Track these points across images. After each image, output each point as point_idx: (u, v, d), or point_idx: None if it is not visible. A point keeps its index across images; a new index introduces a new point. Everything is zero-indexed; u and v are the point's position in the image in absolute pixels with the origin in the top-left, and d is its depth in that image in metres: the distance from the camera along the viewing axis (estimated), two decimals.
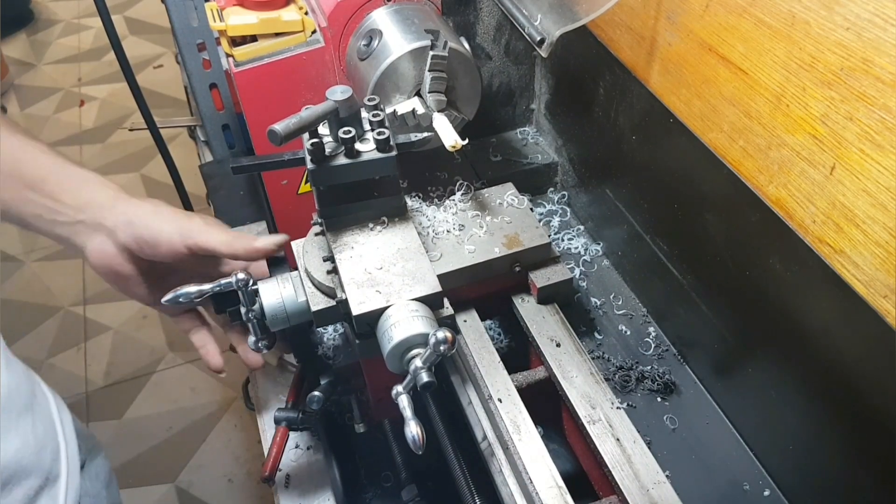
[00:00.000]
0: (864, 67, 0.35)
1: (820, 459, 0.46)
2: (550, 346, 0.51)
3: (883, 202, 0.36)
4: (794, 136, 0.41)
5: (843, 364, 0.41)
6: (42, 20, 2.94)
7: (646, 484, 0.42)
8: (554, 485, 0.43)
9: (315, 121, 0.46)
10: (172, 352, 1.70)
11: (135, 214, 0.50)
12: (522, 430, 0.46)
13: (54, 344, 1.71)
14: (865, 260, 0.38)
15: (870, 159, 0.36)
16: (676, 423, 0.55)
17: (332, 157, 0.49)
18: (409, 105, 0.58)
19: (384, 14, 0.61)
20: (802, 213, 0.42)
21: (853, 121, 0.37)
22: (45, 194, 0.50)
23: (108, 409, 1.59)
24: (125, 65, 0.76)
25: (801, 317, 0.44)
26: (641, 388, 0.57)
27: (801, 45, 0.39)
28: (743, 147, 0.46)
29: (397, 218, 0.53)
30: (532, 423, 0.46)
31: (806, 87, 0.39)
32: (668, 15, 0.50)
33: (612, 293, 0.65)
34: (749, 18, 0.42)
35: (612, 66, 0.58)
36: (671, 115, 0.52)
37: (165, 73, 2.54)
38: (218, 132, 0.94)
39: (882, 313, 0.37)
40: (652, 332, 0.62)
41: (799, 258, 0.42)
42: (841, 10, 0.36)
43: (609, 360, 0.59)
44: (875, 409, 0.39)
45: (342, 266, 0.50)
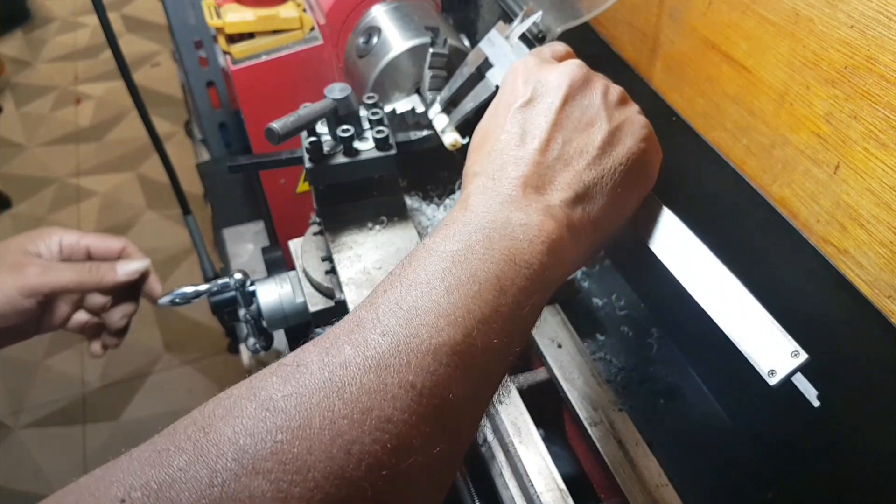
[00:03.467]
0: (868, 65, 0.35)
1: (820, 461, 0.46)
2: (552, 347, 0.51)
3: (887, 201, 0.36)
4: (797, 135, 0.41)
5: (846, 364, 0.41)
6: (38, 18, 2.93)
7: (648, 486, 0.42)
8: (555, 487, 0.43)
9: (313, 119, 0.46)
10: (169, 353, 1.69)
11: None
12: (523, 432, 0.46)
13: (51, 345, 1.70)
14: (870, 260, 0.38)
15: (874, 158, 0.36)
16: (679, 425, 0.55)
17: (331, 156, 0.49)
18: (408, 103, 0.57)
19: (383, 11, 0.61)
20: (806, 212, 0.41)
21: (857, 119, 0.36)
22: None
23: (105, 411, 1.58)
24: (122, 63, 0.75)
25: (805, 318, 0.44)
26: (644, 390, 0.57)
27: (804, 42, 0.39)
28: (746, 146, 0.45)
29: (397, 217, 0.53)
30: (533, 425, 0.46)
31: (810, 85, 0.39)
32: (671, 12, 0.49)
33: (613, 293, 0.65)
34: (752, 16, 0.42)
35: (615, 63, 0.57)
36: (674, 113, 0.51)
37: (162, 70, 2.53)
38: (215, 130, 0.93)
39: (886, 313, 0.37)
40: (655, 333, 0.61)
41: (803, 258, 0.42)
42: (844, 8, 0.36)
43: (611, 362, 0.59)
44: (877, 410, 0.39)
45: (341, 266, 0.49)
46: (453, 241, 0.29)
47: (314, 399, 0.23)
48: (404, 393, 0.24)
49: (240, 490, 0.21)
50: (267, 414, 0.23)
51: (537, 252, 0.30)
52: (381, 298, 0.28)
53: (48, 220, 2.05)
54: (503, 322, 0.28)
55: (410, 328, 0.26)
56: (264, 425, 0.22)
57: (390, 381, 0.24)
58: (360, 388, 0.24)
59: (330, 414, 0.23)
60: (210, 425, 0.23)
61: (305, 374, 0.24)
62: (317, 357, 0.25)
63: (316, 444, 0.22)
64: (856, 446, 0.42)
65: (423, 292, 0.27)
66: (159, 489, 0.21)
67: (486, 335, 0.27)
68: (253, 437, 0.22)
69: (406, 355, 0.25)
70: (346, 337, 0.26)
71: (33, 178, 2.19)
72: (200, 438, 0.22)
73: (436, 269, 0.28)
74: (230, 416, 0.23)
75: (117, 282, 0.50)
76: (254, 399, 0.23)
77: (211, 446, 0.22)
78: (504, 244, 0.30)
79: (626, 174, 0.36)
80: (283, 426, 0.22)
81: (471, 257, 0.29)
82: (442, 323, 0.26)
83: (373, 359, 0.25)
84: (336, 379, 0.24)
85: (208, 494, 0.21)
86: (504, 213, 0.31)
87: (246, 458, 0.21)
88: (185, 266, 1.87)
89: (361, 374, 0.24)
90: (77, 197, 2.12)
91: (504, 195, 0.32)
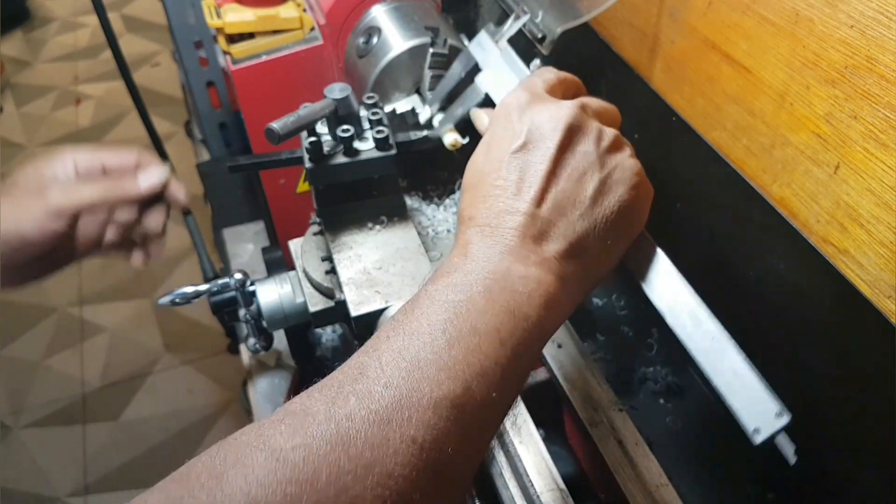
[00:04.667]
0: (868, 65, 0.35)
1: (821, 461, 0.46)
2: (551, 347, 0.51)
3: (887, 201, 0.36)
4: (798, 135, 0.41)
5: (846, 365, 0.41)
6: (38, 18, 2.93)
7: (648, 487, 0.42)
8: (555, 487, 0.43)
9: (313, 119, 0.46)
10: (169, 353, 1.69)
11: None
12: (523, 432, 0.46)
13: (50, 345, 1.70)
14: (870, 260, 0.38)
15: (874, 158, 0.36)
16: (679, 425, 0.55)
17: (331, 156, 0.49)
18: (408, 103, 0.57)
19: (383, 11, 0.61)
20: (806, 212, 0.41)
21: (858, 119, 0.36)
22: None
23: (105, 411, 1.58)
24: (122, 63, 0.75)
25: (805, 317, 0.44)
26: (644, 390, 0.57)
27: (804, 42, 0.39)
28: (746, 146, 0.45)
29: (397, 217, 0.53)
30: (533, 425, 0.46)
31: (810, 85, 0.39)
32: (671, 12, 0.49)
33: (613, 293, 0.65)
34: (752, 16, 0.42)
35: (615, 63, 0.57)
36: (674, 114, 0.51)
37: (162, 71, 2.53)
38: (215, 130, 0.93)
39: (886, 313, 0.37)
40: (654, 333, 0.61)
41: (803, 258, 0.42)
42: (845, 8, 0.36)
43: (611, 362, 0.59)
44: (878, 410, 0.39)
45: (341, 266, 0.49)
46: (455, 292, 0.30)
47: (321, 451, 0.24)
48: (406, 448, 0.25)
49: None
50: (277, 465, 0.23)
51: (535, 305, 0.31)
52: (385, 346, 0.28)
53: None
54: (502, 374, 0.28)
55: (412, 381, 0.26)
56: (275, 477, 0.23)
57: (392, 436, 0.25)
58: (364, 442, 0.24)
59: (336, 469, 0.23)
60: (222, 474, 0.23)
61: (313, 424, 0.25)
62: (323, 407, 0.25)
63: (322, 499, 0.23)
64: (856, 446, 0.42)
65: (426, 343, 0.27)
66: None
67: (484, 388, 0.28)
68: (264, 489, 0.22)
69: (408, 409, 0.25)
70: (350, 386, 0.26)
71: None
72: (213, 488, 0.22)
73: (438, 320, 0.28)
74: (241, 464, 0.23)
75: (141, 193, 0.49)
76: (264, 449, 0.24)
77: (224, 497, 0.22)
78: (504, 297, 0.30)
79: (616, 222, 0.36)
80: (292, 479, 0.23)
81: (472, 309, 0.29)
82: (443, 376, 0.26)
83: (377, 413, 0.25)
84: (342, 432, 0.24)
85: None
86: (504, 265, 0.31)
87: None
88: (185, 266, 1.87)
89: (366, 427, 0.25)
90: None
91: (503, 245, 0.32)
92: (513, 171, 0.34)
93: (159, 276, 1.85)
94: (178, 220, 0.73)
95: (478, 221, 0.33)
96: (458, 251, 0.33)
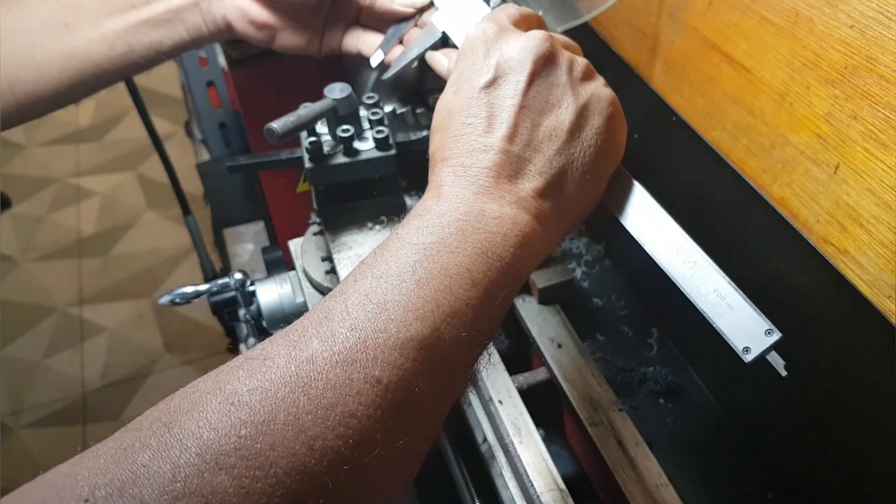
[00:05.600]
0: (868, 65, 0.35)
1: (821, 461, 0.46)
2: (552, 347, 0.51)
3: (887, 201, 0.36)
4: (798, 135, 0.41)
5: (846, 365, 0.41)
6: None
7: (648, 486, 0.42)
8: (555, 487, 0.43)
9: (313, 119, 0.46)
10: (169, 353, 1.69)
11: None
12: (523, 432, 0.46)
13: (50, 345, 1.70)
14: (870, 260, 0.38)
15: (874, 158, 0.36)
16: (679, 425, 0.55)
17: (331, 156, 0.49)
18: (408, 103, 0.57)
19: None
20: (807, 212, 0.41)
21: (857, 119, 0.36)
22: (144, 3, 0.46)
23: (105, 411, 1.58)
24: None
25: (805, 317, 0.44)
26: (644, 390, 0.57)
27: (804, 42, 0.39)
28: (746, 146, 0.45)
29: (396, 217, 0.53)
30: (533, 425, 0.46)
31: (810, 85, 0.39)
32: (671, 12, 0.49)
33: (613, 294, 0.65)
34: (752, 16, 0.42)
35: (615, 63, 0.57)
36: (674, 114, 0.51)
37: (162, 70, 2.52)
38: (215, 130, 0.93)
39: (886, 313, 0.37)
40: (654, 333, 0.61)
41: (803, 258, 0.42)
42: (844, 8, 0.35)
43: (611, 362, 0.59)
44: (878, 410, 0.39)
45: (341, 266, 0.49)
46: (426, 233, 0.29)
47: (279, 394, 0.23)
48: (370, 388, 0.24)
49: (202, 486, 0.21)
50: (231, 408, 0.23)
51: (510, 245, 0.30)
52: (352, 289, 0.27)
53: (48, 220, 2.06)
54: (473, 315, 0.28)
55: (378, 322, 0.26)
56: (228, 420, 0.22)
57: (356, 377, 0.24)
58: (325, 383, 0.24)
59: (294, 409, 0.23)
60: (174, 420, 0.23)
61: (272, 367, 0.24)
62: (284, 350, 0.25)
63: (279, 440, 0.22)
64: (856, 446, 0.42)
65: (394, 285, 0.27)
66: (122, 486, 0.21)
67: (454, 329, 0.27)
68: (217, 432, 0.22)
69: (373, 350, 0.25)
70: (314, 329, 0.26)
71: (33, 178, 2.19)
72: (164, 434, 0.22)
73: (407, 262, 0.28)
74: (195, 410, 0.23)
75: (391, 10, 0.46)
76: (219, 393, 0.23)
77: (174, 441, 0.22)
78: (477, 237, 0.29)
79: (595, 156, 0.35)
80: (247, 421, 0.22)
81: (443, 250, 0.28)
82: (410, 317, 0.26)
83: (340, 353, 0.25)
84: (302, 374, 0.24)
85: (171, 490, 0.21)
86: (478, 205, 0.30)
87: (209, 454, 0.21)
88: (185, 266, 1.87)
89: (328, 369, 0.24)
90: (77, 197, 2.12)
91: (477, 185, 0.31)
92: (483, 108, 0.33)
93: (159, 276, 1.85)
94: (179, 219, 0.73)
95: (450, 162, 0.32)
96: (430, 193, 0.32)
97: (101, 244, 1.97)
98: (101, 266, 1.90)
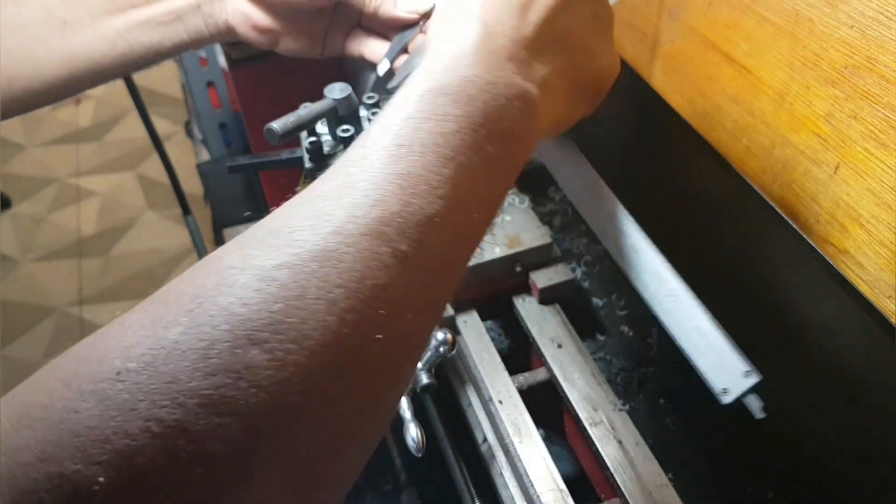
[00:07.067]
0: (868, 65, 0.35)
1: (822, 461, 0.46)
2: (552, 347, 0.51)
3: (887, 201, 0.36)
4: (798, 135, 0.41)
5: (846, 364, 0.41)
6: None
7: (648, 487, 0.42)
8: (555, 487, 0.43)
9: (313, 119, 0.46)
10: None
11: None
12: (523, 432, 0.46)
13: (50, 345, 1.70)
14: (870, 260, 0.38)
15: (874, 158, 0.36)
16: (679, 425, 0.55)
17: (331, 156, 0.49)
18: None
19: None
20: (807, 212, 0.41)
21: (857, 119, 0.36)
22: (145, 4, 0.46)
23: None
24: None
25: (805, 317, 0.44)
26: (644, 390, 0.57)
27: (804, 42, 0.38)
28: (747, 146, 0.45)
29: None
30: (533, 425, 0.46)
31: (810, 85, 0.39)
32: (671, 12, 0.49)
33: (614, 293, 0.65)
34: (752, 16, 0.42)
35: None
36: (674, 114, 0.51)
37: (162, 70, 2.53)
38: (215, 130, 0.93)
39: (886, 313, 0.37)
40: (654, 333, 0.61)
41: (803, 258, 0.42)
42: (844, 8, 0.35)
43: (611, 362, 0.59)
44: (878, 410, 0.39)
45: None
46: (450, 101, 0.29)
47: (308, 268, 0.23)
48: (397, 263, 0.25)
49: (235, 361, 0.21)
50: (261, 284, 0.22)
51: (529, 126, 0.31)
52: (374, 154, 0.27)
53: (48, 220, 2.06)
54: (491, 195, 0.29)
55: (404, 196, 0.26)
56: (259, 296, 0.22)
57: (383, 250, 0.24)
58: (354, 256, 0.24)
59: (325, 284, 0.23)
60: (203, 295, 0.22)
61: (298, 241, 0.24)
62: (309, 222, 0.25)
63: (311, 314, 0.22)
64: (856, 446, 0.42)
65: (418, 157, 0.27)
66: (154, 362, 0.20)
67: (470, 207, 0.28)
68: (248, 308, 0.22)
69: (398, 224, 0.25)
70: (336, 200, 0.26)
71: (33, 178, 2.19)
72: (194, 309, 0.22)
73: (431, 132, 0.28)
74: (224, 285, 0.23)
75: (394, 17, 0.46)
76: (248, 269, 0.23)
77: (205, 317, 0.22)
78: (503, 114, 0.29)
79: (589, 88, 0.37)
80: (278, 297, 0.22)
81: (468, 126, 0.28)
82: (434, 194, 0.26)
83: (366, 227, 0.25)
84: (331, 248, 0.24)
85: (203, 367, 0.20)
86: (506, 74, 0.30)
87: (241, 330, 0.21)
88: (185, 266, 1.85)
89: (356, 241, 0.24)
90: (77, 197, 2.12)
91: (508, 51, 0.31)
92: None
93: (159, 276, 1.85)
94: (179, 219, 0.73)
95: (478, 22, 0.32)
96: (448, 46, 0.31)
97: (101, 244, 1.97)
98: (101, 266, 1.90)
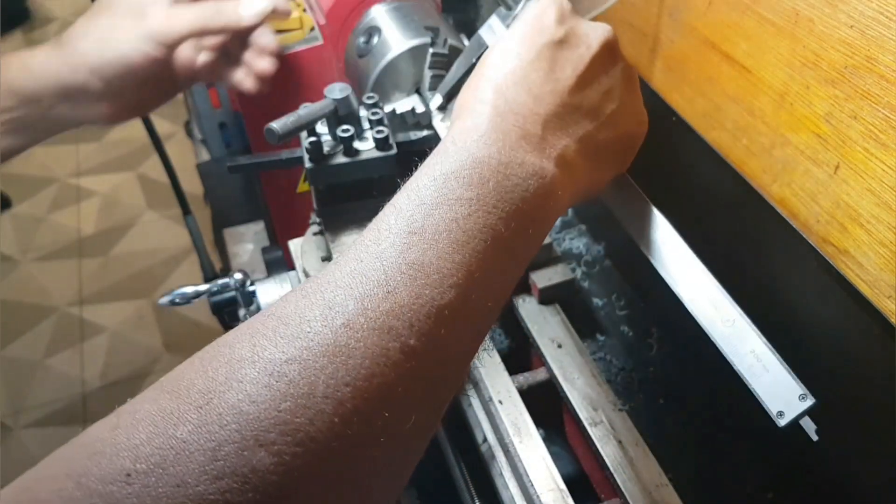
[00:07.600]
0: (868, 65, 0.35)
1: (822, 461, 0.46)
2: (552, 347, 0.51)
3: (887, 201, 0.36)
4: (798, 135, 0.41)
5: (846, 364, 0.41)
6: (38, 18, 2.93)
7: (648, 486, 0.42)
8: (555, 487, 0.43)
9: (313, 119, 0.46)
10: (169, 353, 1.69)
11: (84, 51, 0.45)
12: (523, 432, 0.46)
13: (50, 345, 1.70)
14: (870, 260, 0.38)
15: (874, 158, 0.36)
16: (679, 425, 0.55)
17: (331, 156, 0.49)
18: (408, 103, 0.57)
19: (383, 11, 0.61)
20: (806, 212, 0.41)
21: (857, 119, 0.36)
22: None
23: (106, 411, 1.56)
24: None
25: (805, 317, 0.44)
26: (644, 390, 0.57)
27: (804, 42, 0.39)
28: (746, 146, 0.45)
29: None
30: (533, 425, 0.46)
31: (810, 85, 0.39)
32: (671, 12, 0.49)
33: (614, 294, 0.65)
34: (752, 16, 0.42)
35: None
36: (674, 114, 0.51)
37: None
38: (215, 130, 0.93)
39: (886, 313, 0.37)
40: (654, 333, 0.61)
41: (803, 258, 0.42)
42: (844, 8, 0.36)
43: (611, 362, 0.59)
44: (878, 410, 0.39)
45: None
46: (463, 184, 0.28)
47: (318, 364, 0.22)
48: (405, 359, 0.24)
49: (242, 464, 0.20)
50: (270, 380, 0.22)
51: (542, 207, 0.30)
52: (386, 241, 0.26)
53: (48, 219, 2.06)
54: (502, 282, 0.28)
55: (415, 287, 0.25)
56: (268, 392, 0.21)
57: (392, 346, 0.23)
58: (363, 353, 0.23)
59: (333, 381, 0.22)
60: (213, 390, 0.22)
61: (309, 334, 0.23)
62: (320, 312, 0.24)
63: (318, 414, 0.22)
64: (856, 446, 0.42)
65: (430, 245, 0.26)
66: (163, 463, 0.20)
67: (484, 295, 0.27)
68: (257, 406, 0.21)
69: (409, 317, 0.24)
70: (348, 290, 0.24)
71: (33, 178, 2.19)
72: (204, 406, 0.21)
73: (442, 218, 0.27)
74: (233, 380, 0.22)
75: (242, 25, 0.46)
76: (257, 361, 0.22)
77: (214, 416, 0.21)
78: (514, 196, 0.28)
79: (615, 151, 0.38)
80: (287, 394, 0.21)
81: (480, 209, 0.27)
82: (446, 283, 0.25)
83: (377, 320, 0.24)
84: (341, 343, 0.23)
85: (211, 470, 0.20)
86: (519, 154, 0.30)
87: (248, 430, 0.21)
88: (185, 266, 1.87)
89: (365, 336, 0.23)
90: (77, 197, 2.12)
91: (523, 130, 0.31)
92: (544, 60, 0.33)
93: (159, 276, 1.85)
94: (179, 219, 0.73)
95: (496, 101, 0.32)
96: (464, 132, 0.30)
97: (101, 244, 1.97)
98: (101, 266, 1.90)
